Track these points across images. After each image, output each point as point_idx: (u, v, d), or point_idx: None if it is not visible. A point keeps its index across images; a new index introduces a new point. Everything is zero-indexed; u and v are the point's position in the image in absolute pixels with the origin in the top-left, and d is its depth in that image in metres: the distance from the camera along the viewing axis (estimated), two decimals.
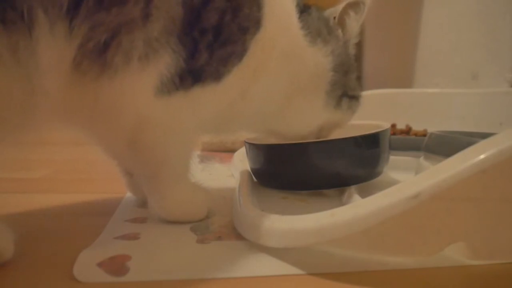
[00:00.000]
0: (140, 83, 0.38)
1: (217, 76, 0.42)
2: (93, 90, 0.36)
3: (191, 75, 0.40)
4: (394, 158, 0.60)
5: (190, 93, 0.41)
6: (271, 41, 0.45)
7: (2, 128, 0.34)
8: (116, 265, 0.34)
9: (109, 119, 0.39)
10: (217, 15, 0.40)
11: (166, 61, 0.38)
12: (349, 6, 0.52)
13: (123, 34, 0.35)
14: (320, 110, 0.52)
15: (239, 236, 0.41)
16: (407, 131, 0.94)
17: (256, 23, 0.43)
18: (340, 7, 0.52)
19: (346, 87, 0.52)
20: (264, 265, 0.35)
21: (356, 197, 0.48)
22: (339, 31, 0.52)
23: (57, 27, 0.33)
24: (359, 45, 0.55)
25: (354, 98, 0.54)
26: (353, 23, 0.53)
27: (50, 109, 0.36)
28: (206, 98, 0.42)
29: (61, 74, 0.35)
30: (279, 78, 0.48)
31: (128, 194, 0.55)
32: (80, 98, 0.37)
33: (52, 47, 0.33)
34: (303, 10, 0.49)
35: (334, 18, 0.52)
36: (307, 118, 0.53)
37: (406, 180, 0.33)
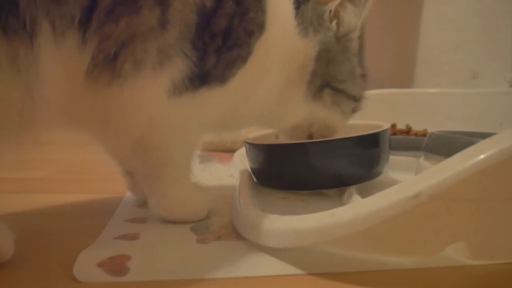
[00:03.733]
0: (153, 88, 0.38)
1: (223, 79, 0.42)
2: (103, 96, 0.37)
3: (198, 77, 0.40)
4: (394, 158, 0.60)
5: (197, 95, 0.41)
6: (275, 44, 0.45)
7: (1, 132, 0.34)
8: (116, 265, 0.34)
9: (118, 122, 0.40)
10: (226, 20, 0.41)
11: (178, 66, 0.39)
12: None
13: (136, 43, 0.35)
14: (301, 101, 0.50)
15: (239, 236, 0.41)
16: (407, 131, 0.94)
17: (261, 27, 0.44)
18: (338, 1, 0.51)
19: (328, 77, 0.50)
20: (264, 265, 0.35)
21: (356, 197, 0.48)
22: (334, 23, 0.51)
23: (66, 38, 0.33)
24: (359, 45, 0.55)
25: (342, 92, 0.51)
26: (351, 16, 0.51)
27: (51, 115, 0.36)
28: (212, 99, 0.43)
29: (69, 83, 0.35)
30: (279, 77, 0.48)
31: (128, 194, 0.55)
32: (90, 104, 0.37)
33: (57, 57, 0.33)
34: (300, 4, 0.49)
35: (330, 11, 0.51)
36: (291, 109, 0.51)
37: (406, 180, 0.33)
